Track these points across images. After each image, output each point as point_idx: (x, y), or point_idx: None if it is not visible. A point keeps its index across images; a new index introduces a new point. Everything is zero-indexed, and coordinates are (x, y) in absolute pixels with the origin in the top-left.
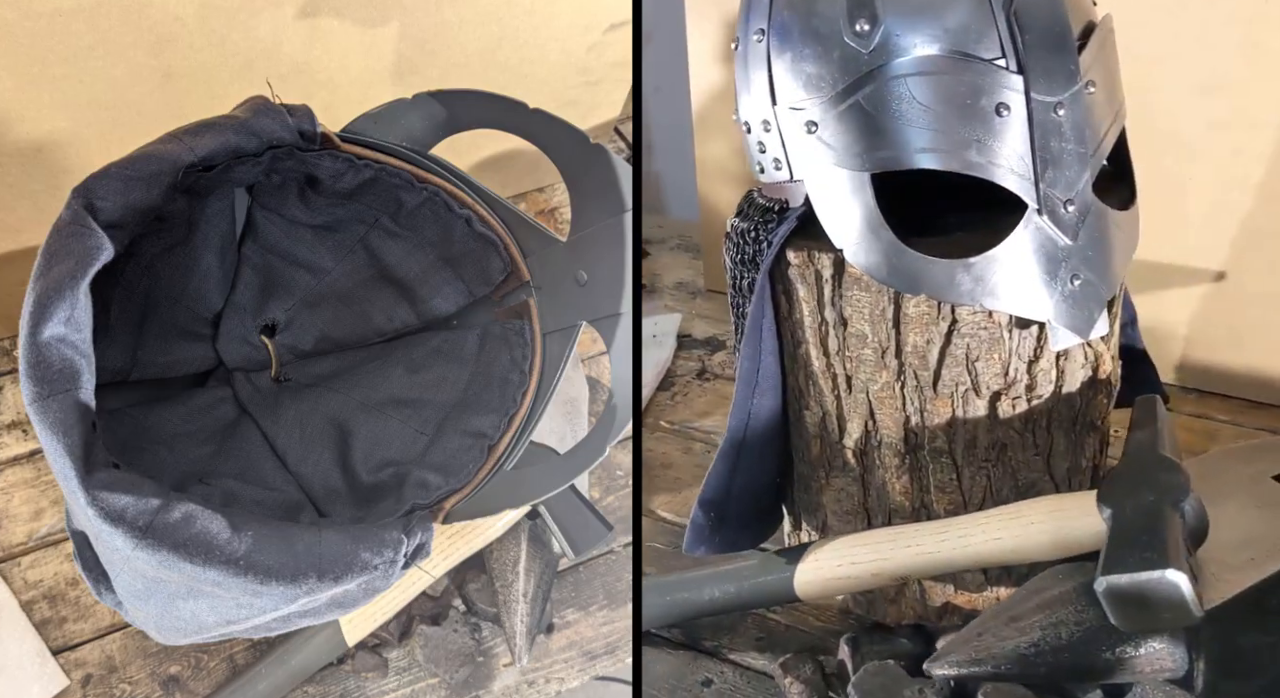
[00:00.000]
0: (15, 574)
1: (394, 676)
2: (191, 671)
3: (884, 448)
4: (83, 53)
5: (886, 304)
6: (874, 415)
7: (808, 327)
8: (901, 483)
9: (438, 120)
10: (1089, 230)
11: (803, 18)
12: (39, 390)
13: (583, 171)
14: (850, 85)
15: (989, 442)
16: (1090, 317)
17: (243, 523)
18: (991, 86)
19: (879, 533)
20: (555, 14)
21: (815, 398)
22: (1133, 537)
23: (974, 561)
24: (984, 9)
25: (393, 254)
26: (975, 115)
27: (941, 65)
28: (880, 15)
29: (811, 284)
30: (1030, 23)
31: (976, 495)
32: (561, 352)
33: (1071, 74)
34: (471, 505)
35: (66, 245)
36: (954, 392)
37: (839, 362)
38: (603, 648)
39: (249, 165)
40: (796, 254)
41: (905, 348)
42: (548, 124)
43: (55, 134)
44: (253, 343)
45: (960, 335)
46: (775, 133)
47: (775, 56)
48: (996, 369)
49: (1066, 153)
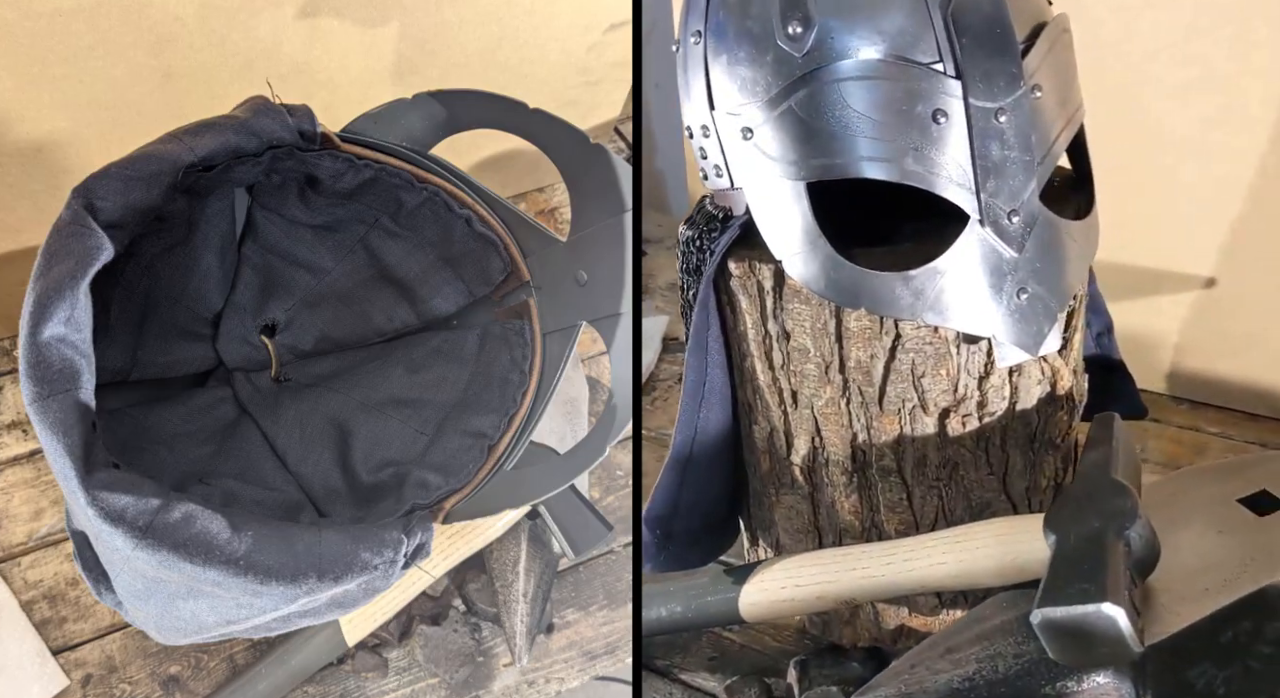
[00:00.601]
0: (15, 574)
1: (394, 676)
2: (191, 671)
3: (832, 466)
4: (83, 53)
5: (828, 318)
6: (820, 432)
7: (751, 339)
8: (850, 502)
9: (438, 120)
10: (1037, 242)
11: (737, 19)
12: (39, 390)
13: (583, 171)
14: (783, 90)
15: (939, 460)
16: (1039, 332)
17: (243, 523)
18: (928, 92)
19: (826, 554)
20: (555, 14)
21: (763, 413)
22: (1073, 567)
23: (919, 585)
24: (921, 11)
25: (393, 254)
26: (912, 122)
27: (876, 69)
28: (813, 17)
29: (754, 295)
30: (969, 25)
31: (928, 516)
32: (561, 352)
33: (1014, 78)
34: (471, 505)
35: (66, 245)
36: (901, 408)
37: (784, 376)
38: (603, 648)
39: (249, 165)
40: (738, 264)
41: (848, 363)
42: (548, 124)
43: (55, 134)
44: (253, 343)
45: (905, 351)
46: (714, 139)
47: (712, 59)
48: (944, 386)
49: (1010, 161)
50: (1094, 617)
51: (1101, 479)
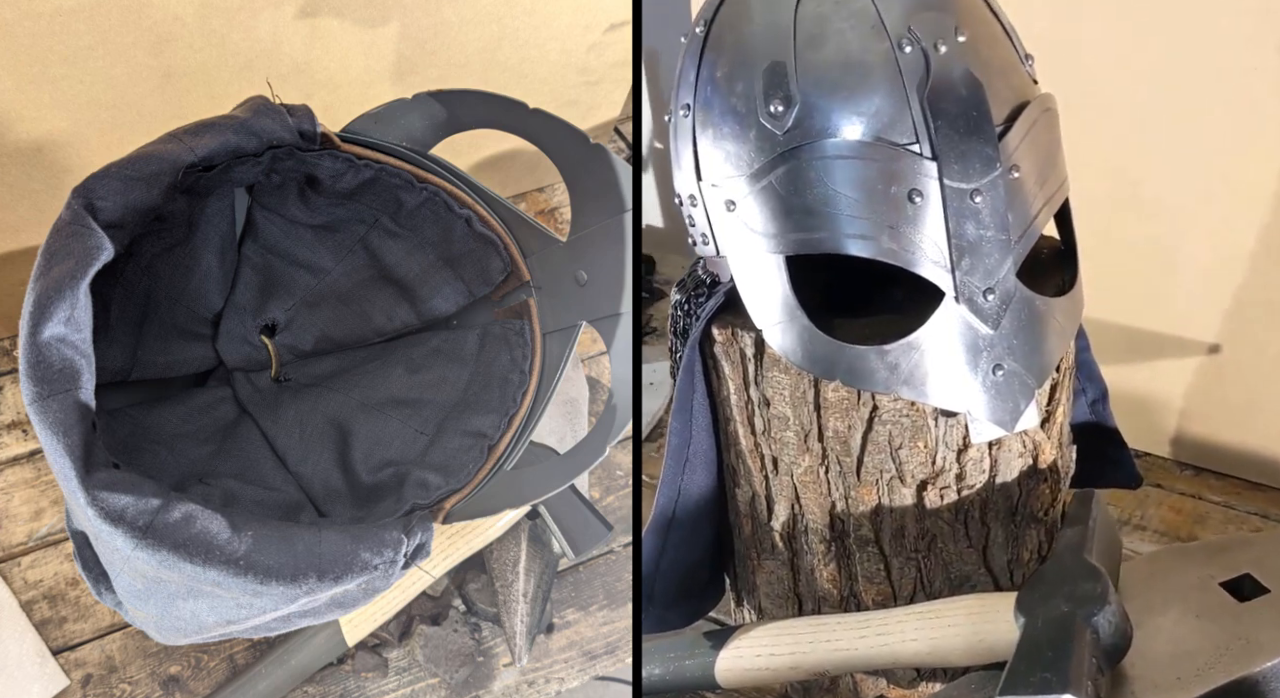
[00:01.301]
0: (15, 574)
1: (394, 676)
2: (191, 671)
3: (811, 533)
4: (83, 53)
5: (807, 387)
6: (800, 499)
7: (734, 404)
8: (829, 570)
9: (438, 120)
10: (1014, 318)
11: (723, 95)
12: (39, 390)
13: (583, 171)
14: (764, 165)
15: (918, 532)
16: (1016, 408)
17: (243, 523)
18: (904, 172)
19: (800, 624)
20: (555, 14)
21: (745, 477)
22: (1038, 653)
23: (890, 660)
24: (899, 94)
25: (393, 254)
26: (888, 201)
27: (855, 149)
28: (795, 96)
29: (736, 362)
30: (944, 109)
31: (906, 587)
32: (561, 352)
33: (990, 159)
34: (471, 505)
35: (66, 245)
36: (879, 479)
37: (765, 442)
38: (603, 648)
39: (249, 165)
40: (721, 331)
41: (827, 433)
42: (548, 124)
43: (55, 134)
44: (253, 343)
45: (882, 422)
46: (701, 208)
47: (700, 132)
48: (922, 458)
49: (985, 240)
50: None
51: (1074, 561)
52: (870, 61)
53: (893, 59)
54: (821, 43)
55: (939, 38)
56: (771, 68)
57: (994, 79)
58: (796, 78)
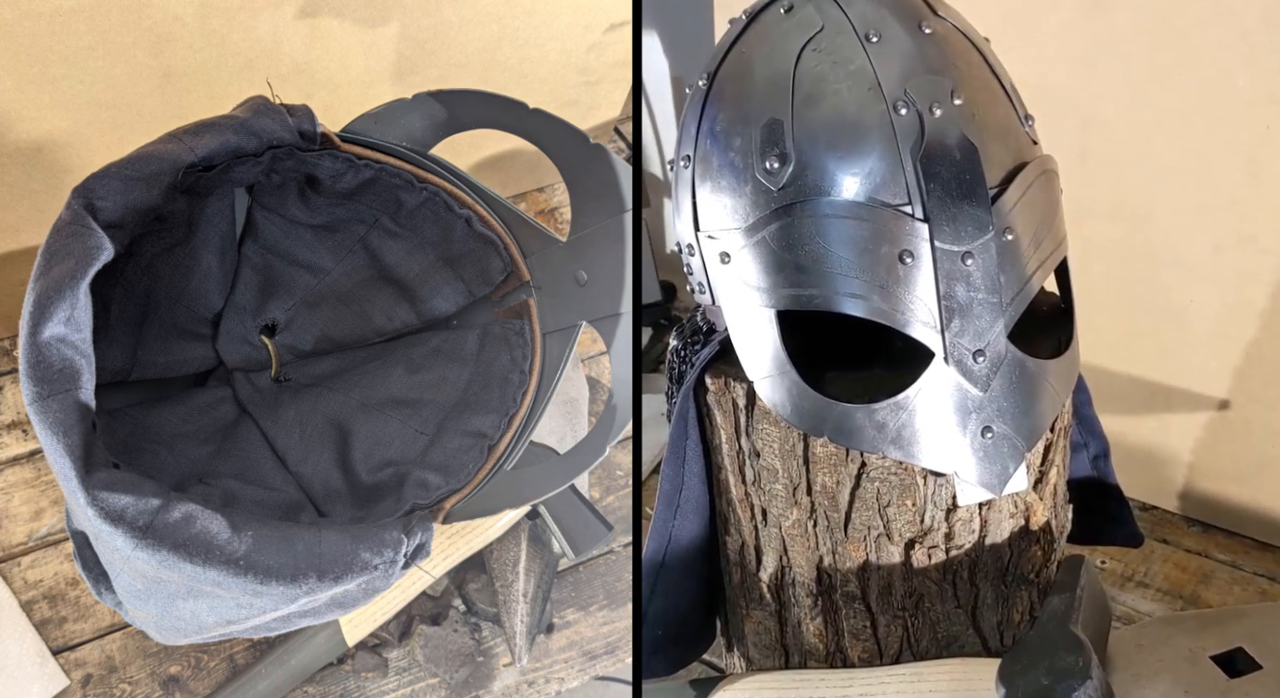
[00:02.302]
0: (15, 574)
1: (394, 676)
2: (191, 671)
3: (798, 586)
4: (83, 53)
5: (796, 440)
6: (788, 552)
7: (726, 453)
8: (815, 625)
9: (438, 120)
10: (1005, 380)
11: (721, 150)
12: (39, 390)
13: (583, 171)
14: (760, 220)
15: (905, 590)
16: (1004, 471)
17: (243, 523)
18: (895, 233)
19: (786, 678)
20: (555, 14)
21: (735, 525)
22: None
23: None
24: (893, 155)
25: (393, 254)
26: (880, 261)
27: (848, 209)
28: (790, 154)
29: (728, 411)
30: (938, 171)
31: (893, 645)
32: (561, 352)
33: (982, 222)
34: (471, 505)
35: (66, 245)
36: (866, 536)
37: (755, 492)
38: (603, 648)
39: (249, 165)
40: (714, 379)
41: (815, 487)
42: (548, 124)
43: (55, 134)
44: (253, 343)
45: (870, 479)
46: (698, 257)
47: (698, 184)
48: (910, 516)
49: (976, 302)
50: None
51: (1058, 631)
52: (866, 122)
53: (888, 120)
54: (819, 101)
55: (934, 101)
56: (769, 125)
57: (990, 142)
58: (793, 135)
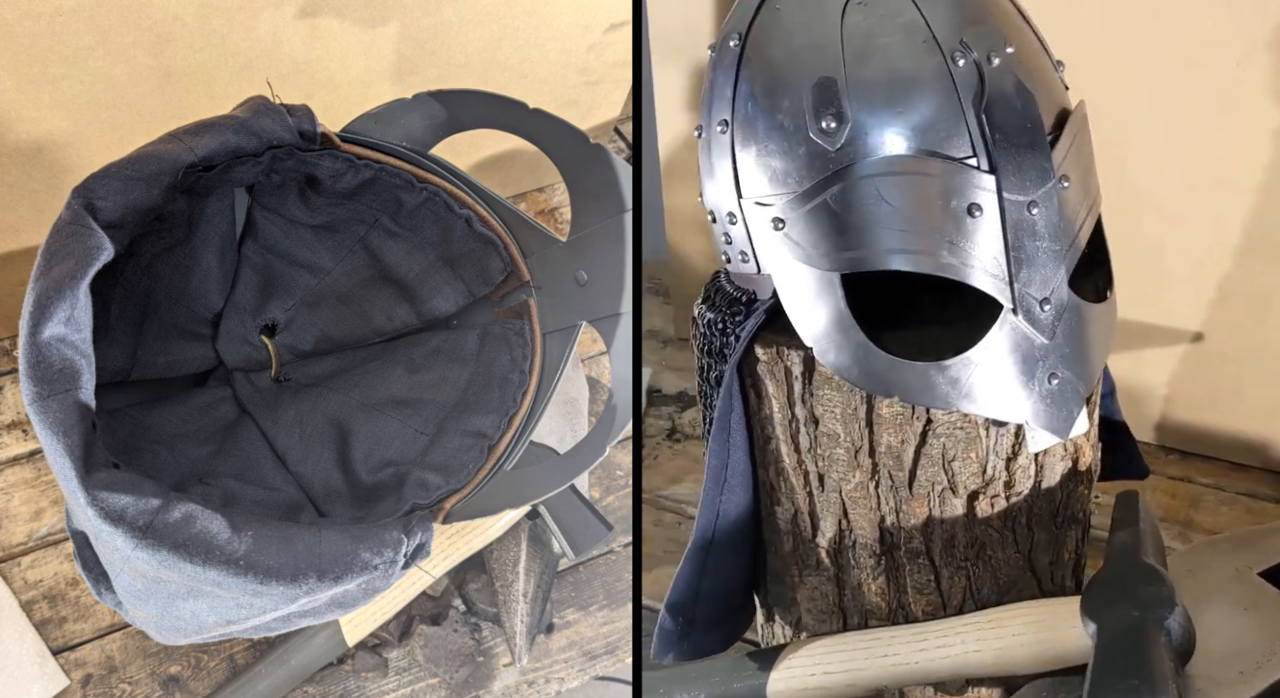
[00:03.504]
0: (15, 574)
1: (394, 676)
2: (191, 671)
3: (859, 548)
4: (83, 53)
5: (859, 403)
6: (848, 515)
7: (777, 423)
8: (878, 584)
9: (438, 120)
10: (1065, 328)
11: (767, 113)
12: (39, 390)
13: (583, 171)
14: (818, 184)
15: (967, 541)
16: (1069, 415)
17: (243, 523)
18: (963, 187)
19: (854, 638)
20: (555, 14)
21: (786, 494)
22: (1118, 660)
23: (953, 672)
24: (954, 106)
25: (393, 254)
26: (947, 216)
27: (911, 165)
28: (847, 113)
29: (781, 380)
30: (1002, 120)
31: (956, 596)
32: (561, 352)
33: (1045, 171)
34: (471, 505)
35: (66, 245)
36: (930, 491)
37: (810, 459)
38: (603, 648)
39: (249, 165)
40: (765, 350)
41: (879, 448)
42: (548, 124)
43: (55, 134)
44: (253, 343)
45: (936, 435)
46: (741, 225)
47: (740, 149)
48: (974, 468)
49: (1041, 251)
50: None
51: (1134, 564)
52: (923, 75)
53: (946, 72)
54: (871, 57)
55: (990, 50)
56: (821, 84)
57: (1038, 90)
58: (848, 93)
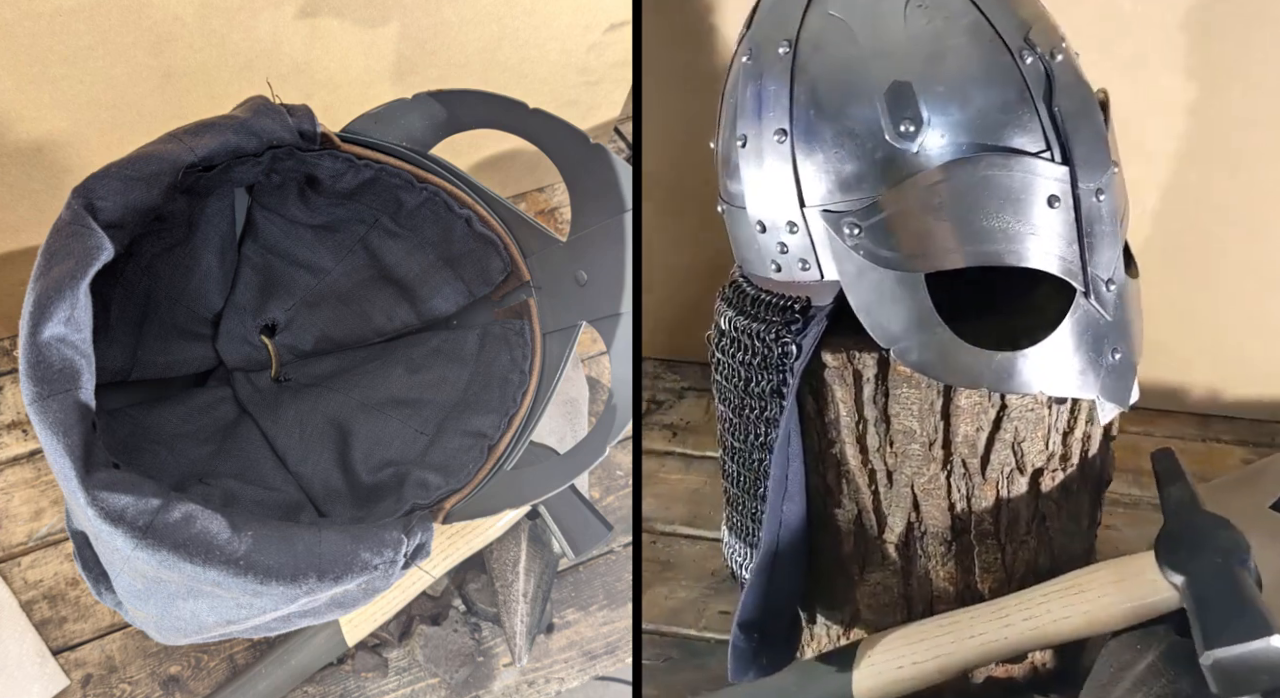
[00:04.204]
0: (15, 574)
1: (394, 676)
2: (191, 671)
3: (929, 537)
4: (83, 53)
5: (935, 398)
6: (918, 507)
7: (844, 426)
8: (946, 569)
9: (438, 120)
10: (1119, 304)
11: (834, 120)
12: (39, 390)
13: (583, 171)
14: (902, 185)
15: (1029, 516)
16: (1128, 386)
17: (243, 523)
18: (1041, 180)
19: (932, 625)
20: (555, 14)
21: (850, 496)
22: (1222, 605)
23: (1044, 641)
24: (1026, 103)
25: (393, 254)
26: (1028, 208)
27: (993, 162)
28: (923, 115)
29: (849, 384)
30: (1069, 114)
31: (1019, 570)
32: (561, 352)
33: (1106, 159)
34: (471, 506)
35: (66, 245)
36: (1000, 474)
37: (878, 458)
38: (603, 648)
39: (249, 165)
40: (835, 355)
41: (955, 439)
42: (548, 124)
43: (55, 134)
44: (253, 343)
45: (1010, 420)
46: (803, 234)
47: (803, 157)
48: (1039, 446)
49: (1106, 235)
50: (1263, 651)
51: (1199, 515)
52: (994, 75)
53: (1016, 70)
54: (943, 58)
55: (1052, 47)
56: (895, 88)
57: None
58: (923, 96)
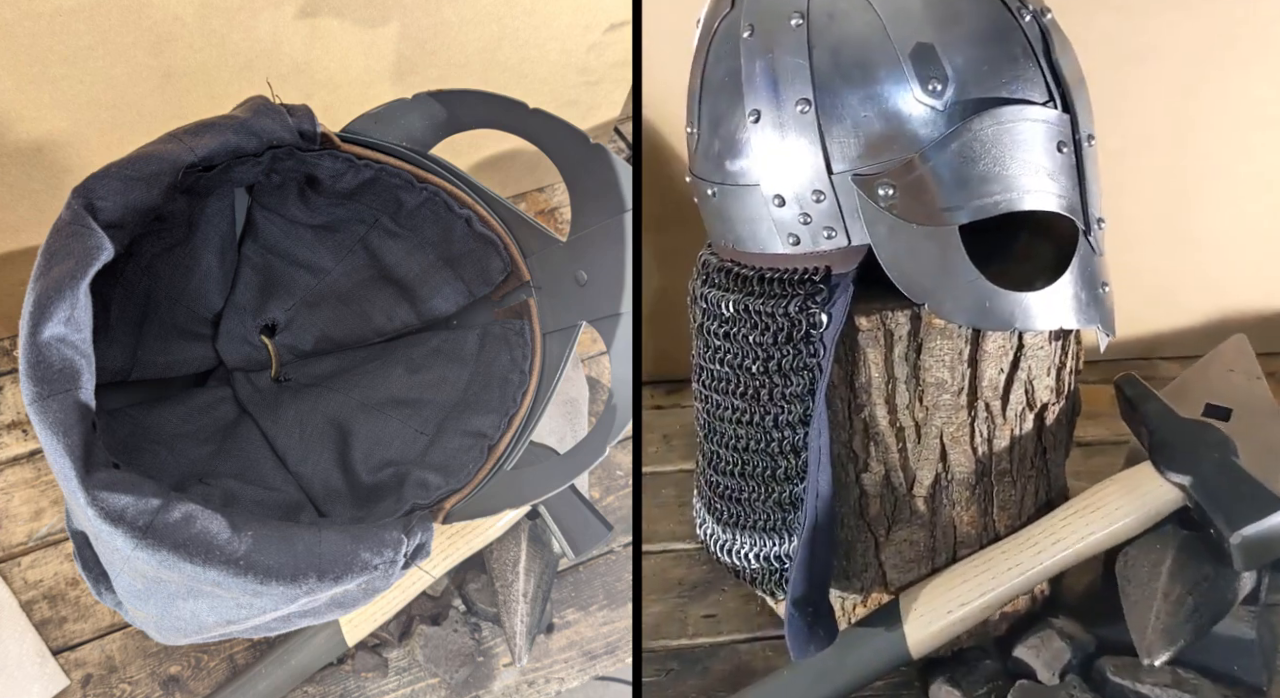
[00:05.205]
0: (15, 574)
1: (394, 676)
2: (191, 671)
3: (955, 485)
4: (83, 53)
5: (963, 346)
6: (946, 457)
7: (874, 387)
8: (970, 514)
9: (438, 120)
10: (1100, 242)
11: (860, 84)
12: (39, 390)
13: (583, 171)
14: (936, 142)
15: (1034, 451)
16: (1113, 316)
17: (243, 523)
18: (1052, 129)
19: (969, 567)
20: (555, 14)
21: (878, 458)
22: (1232, 492)
23: (1074, 559)
24: (1030, 57)
25: (393, 254)
26: (1046, 155)
27: (1015, 113)
28: (948, 73)
29: (880, 344)
30: (1064, 67)
31: (1028, 505)
32: (561, 352)
33: (1089, 107)
34: (471, 506)
35: (66, 245)
36: (1015, 413)
37: (907, 415)
38: (603, 648)
39: (249, 165)
40: (868, 319)
41: (981, 383)
42: (548, 124)
43: (55, 134)
44: (253, 343)
45: (1025, 359)
46: (830, 201)
47: (829, 125)
48: (1048, 382)
49: (1095, 178)
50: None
51: (1182, 422)
52: (1003, 32)
53: (1019, 28)
54: (958, 20)
55: (1039, 6)
56: (918, 50)
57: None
58: (946, 55)
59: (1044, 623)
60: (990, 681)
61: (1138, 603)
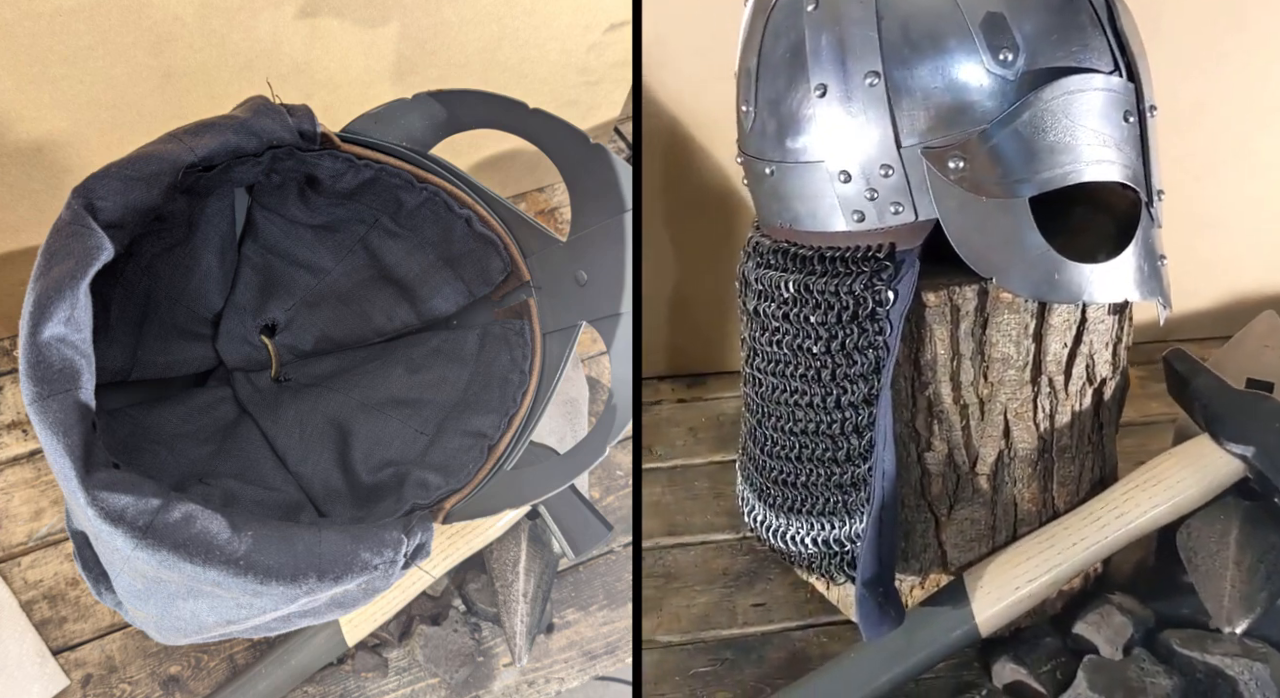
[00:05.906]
0: (15, 574)
1: (394, 676)
2: (191, 671)
3: (1018, 462)
4: (83, 53)
5: (1029, 320)
6: (1009, 434)
7: (940, 365)
8: (1031, 491)
9: (438, 120)
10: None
11: (931, 55)
12: (39, 390)
13: (583, 171)
14: (1008, 113)
15: (1091, 427)
16: (1169, 289)
17: (243, 523)
18: (1120, 98)
19: (1031, 545)
20: (555, 14)
21: (941, 436)
22: None
23: (1138, 532)
24: (1096, 26)
25: (393, 254)
26: (1113, 125)
27: (1084, 82)
28: (1018, 43)
29: (946, 321)
30: (1127, 36)
31: (1086, 481)
32: (561, 352)
33: (1150, 78)
34: (471, 506)
35: (66, 245)
36: (1076, 388)
37: (971, 392)
38: (603, 648)
39: (249, 165)
40: (935, 294)
41: (1046, 358)
42: (548, 124)
43: (55, 134)
44: (253, 343)
45: (1087, 333)
46: (899, 175)
47: (899, 97)
48: (1106, 357)
49: (1155, 148)
50: None
51: (1235, 394)
52: (1072, 0)
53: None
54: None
55: None
56: (989, 20)
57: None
58: (1016, 24)
59: (1102, 599)
60: (1053, 658)
61: (1209, 573)
